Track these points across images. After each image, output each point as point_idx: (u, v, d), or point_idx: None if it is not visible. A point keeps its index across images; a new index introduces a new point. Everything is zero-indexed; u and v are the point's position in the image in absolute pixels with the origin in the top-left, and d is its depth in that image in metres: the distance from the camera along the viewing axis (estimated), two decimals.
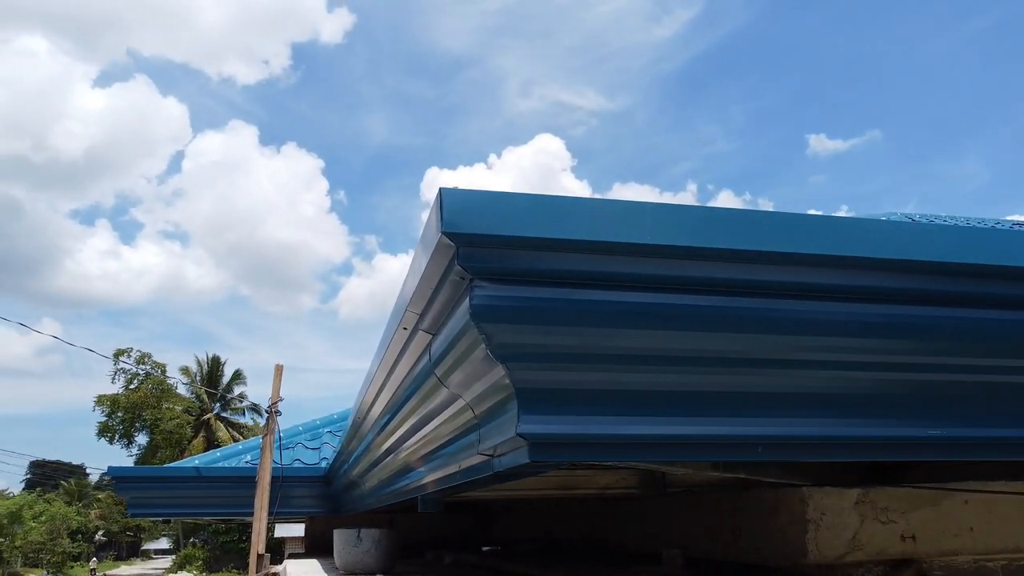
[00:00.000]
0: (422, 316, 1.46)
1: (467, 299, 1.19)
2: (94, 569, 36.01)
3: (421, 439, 2.07)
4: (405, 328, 1.59)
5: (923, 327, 1.54)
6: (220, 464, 6.68)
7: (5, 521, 41.47)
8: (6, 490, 58.82)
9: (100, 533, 60.71)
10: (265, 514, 5.84)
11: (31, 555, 47.42)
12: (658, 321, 1.25)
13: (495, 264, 1.19)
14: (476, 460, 1.58)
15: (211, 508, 6.36)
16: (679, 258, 1.23)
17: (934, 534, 3.12)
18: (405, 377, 1.84)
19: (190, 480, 6.01)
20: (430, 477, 2.23)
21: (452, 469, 1.90)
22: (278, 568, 5.48)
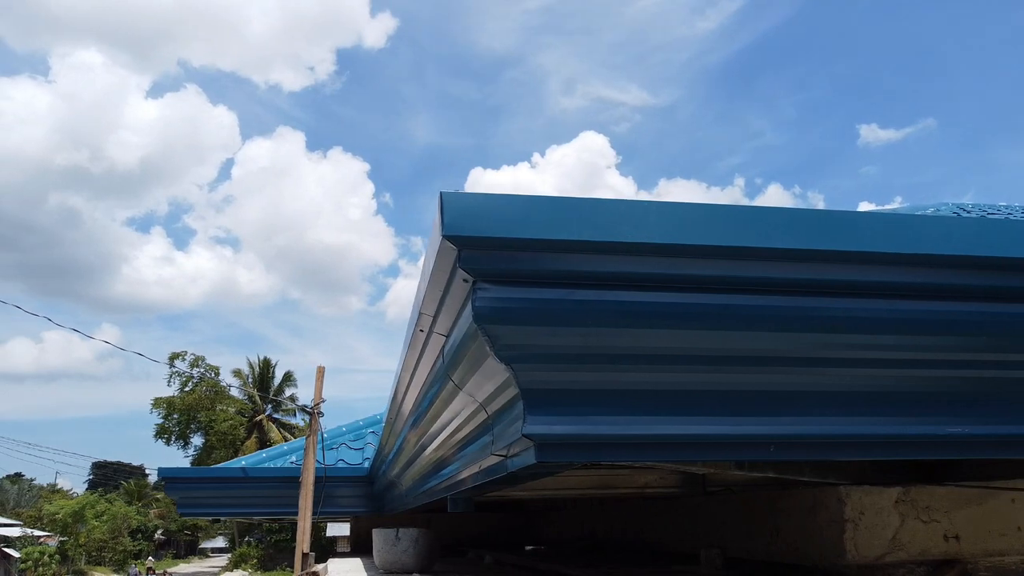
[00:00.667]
0: (435, 319, 1.47)
1: (471, 301, 1.20)
2: (151, 568, 36.90)
3: (444, 439, 2.09)
4: (421, 330, 1.61)
5: (929, 322, 1.50)
6: (266, 464, 6.80)
7: (69, 520, 42.80)
8: (70, 490, 60.76)
9: (159, 532, 62.22)
10: (309, 514, 5.94)
11: (94, 553, 48.83)
12: (662, 320, 1.24)
13: (498, 266, 1.19)
14: (492, 461, 1.58)
15: (257, 508, 6.49)
16: (681, 256, 1.21)
17: (980, 534, 3.03)
18: (426, 378, 1.86)
19: (236, 480, 6.14)
20: (456, 478, 2.25)
21: (474, 469, 1.91)
22: (318, 567, 5.56)
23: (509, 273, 1.20)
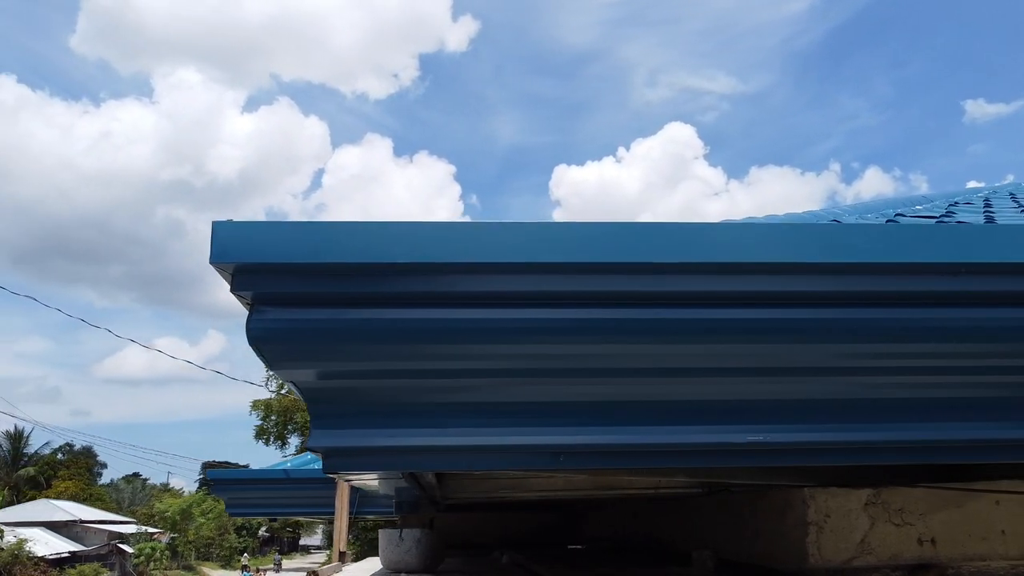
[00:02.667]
0: None
1: (246, 323, 1.28)
2: (246, 565, 38.56)
3: None
4: None
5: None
6: (311, 466, 7.06)
7: (177, 518, 45.20)
8: (181, 489, 64.09)
9: (263, 529, 64.82)
10: (346, 514, 6.15)
11: (202, 549, 51.35)
12: (435, 335, 1.28)
13: (270, 289, 1.26)
14: None
15: (299, 508, 6.75)
16: (442, 273, 1.26)
17: (959, 537, 2.90)
18: None
19: (279, 482, 6.40)
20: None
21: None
22: (324, 568, 5.75)
23: (281, 296, 1.27)
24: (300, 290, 1.27)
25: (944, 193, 6.45)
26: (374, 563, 5.36)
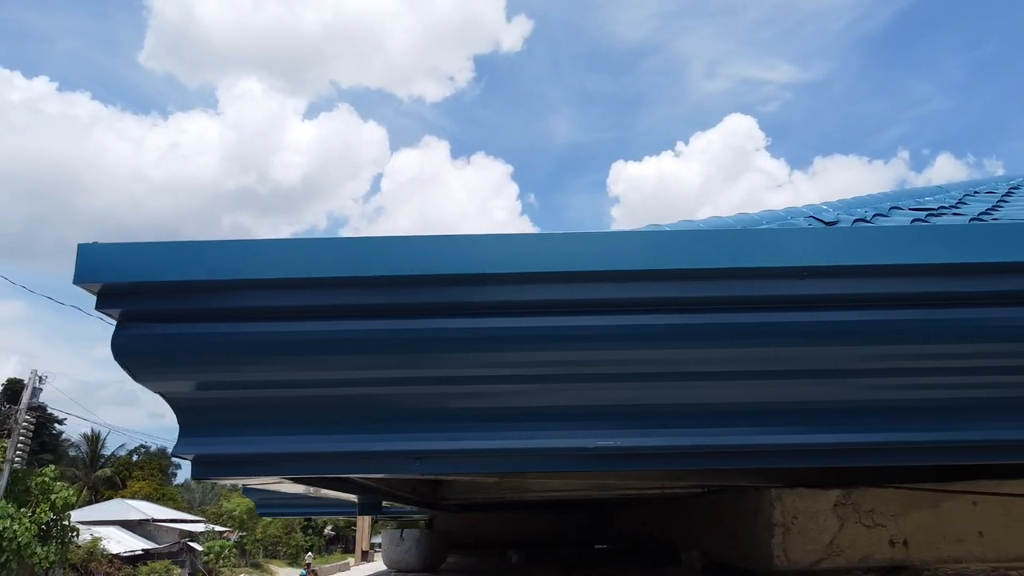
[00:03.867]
0: None
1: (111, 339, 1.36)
2: (309, 563, 39.41)
3: None
4: None
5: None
6: None
7: (244, 517, 46.50)
8: None
9: (329, 528, 66.08)
10: (367, 519, 6.28)
11: (270, 547, 52.70)
12: (285, 347, 1.35)
13: (132, 307, 1.34)
14: None
15: (324, 508, 6.89)
16: (293, 288, 1.31)
17: (933, 539, 2.83)
18: None
19: None
20: None
21: None
22: (320, 567, 5.87)
23: (143, 313, 1.35)
24: (161, 307, 1.34)
25: (977, 181, 6.25)
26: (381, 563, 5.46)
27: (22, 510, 24.12)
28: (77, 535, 27.06)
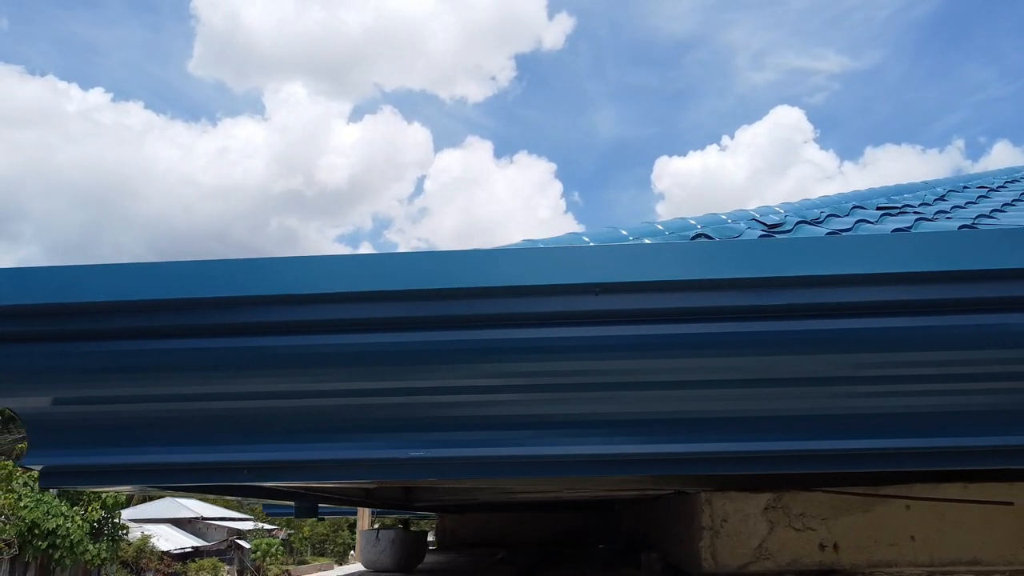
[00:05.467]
0: None
1: None
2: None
3: None
4: None
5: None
6: None
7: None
8: None
9: (377, 525, 66.46)
10: (368, 512, 6.42)
11: (317, 545, 53.57)
12: (118, 366, 1.45)
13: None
14: None
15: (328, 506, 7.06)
16: (138, 312, 1.41)
17: (864, 543, 2.82)
18: None
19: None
20: None
21: None
22: (296, 567, 6.00)
23: (7, 335, 1.47)
24: (26, 329, 1.46)
25: (973, 176, 6.13)
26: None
27: (74, 508, 24.97)
28: (127, 532, 27.91)
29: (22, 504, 23.77)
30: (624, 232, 2.94)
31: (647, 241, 2.91)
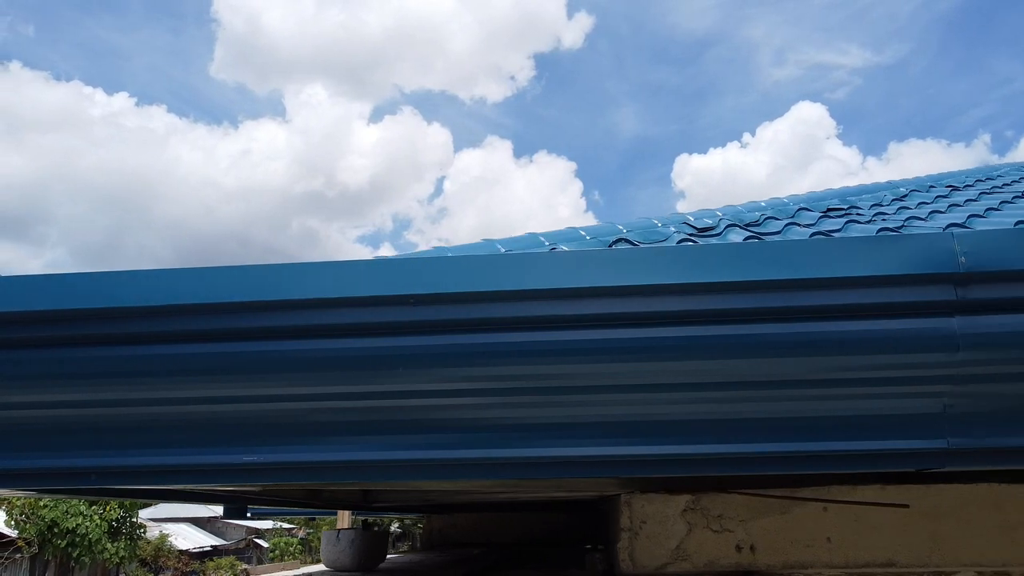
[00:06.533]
0: None
1: None
2: None
3: None
4: None
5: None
6: None
7: None
8: None
9: (396, 525, 67.02)
10: (347, 514, 6.51)
11: None
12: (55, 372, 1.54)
13: None
14: None
15: (313, 509, 7.18)
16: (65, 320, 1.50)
17: (781, 544, 2.85)
18: None
19: None
20: None
21: None
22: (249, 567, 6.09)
23: None
24: None
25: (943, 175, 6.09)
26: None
27: (92, 507, 25.37)
28: (145, 532, 28.30)
29: (42, 503, 24.18)
30: (543, 239, 2.99)
31: (563, 248, 2.96)
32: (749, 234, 3.23)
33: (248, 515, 3.38)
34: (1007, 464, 1.44)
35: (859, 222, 3.36)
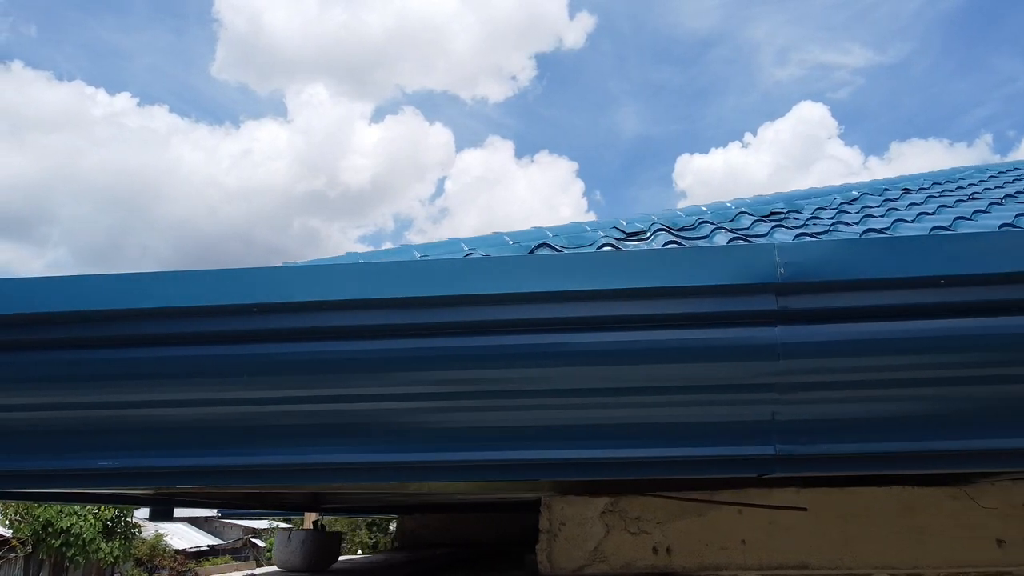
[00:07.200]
0: None
1: None
2: None
3: None
4: None
5: None
6: None
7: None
8: None
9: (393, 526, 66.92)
10: (314, 515, 6.55)
11: None
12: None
13: None
14: None
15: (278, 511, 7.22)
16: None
17: (696, 546, 2.88)
18: None
19: None
20: None
21: None
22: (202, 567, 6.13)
23: None
24: None
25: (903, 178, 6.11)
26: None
27: (86, 507, 25.44)
28: (140, 531, 28.36)
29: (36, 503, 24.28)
30: (464, 246, 3.02)
31: (483, 253, 2.99)
32: (674, 239, 3.26)
33: (215, 517, 3.41)
34: (833, 470, 1.47)
35: (785, 227, 3.39)
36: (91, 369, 1.60)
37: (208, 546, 37.54)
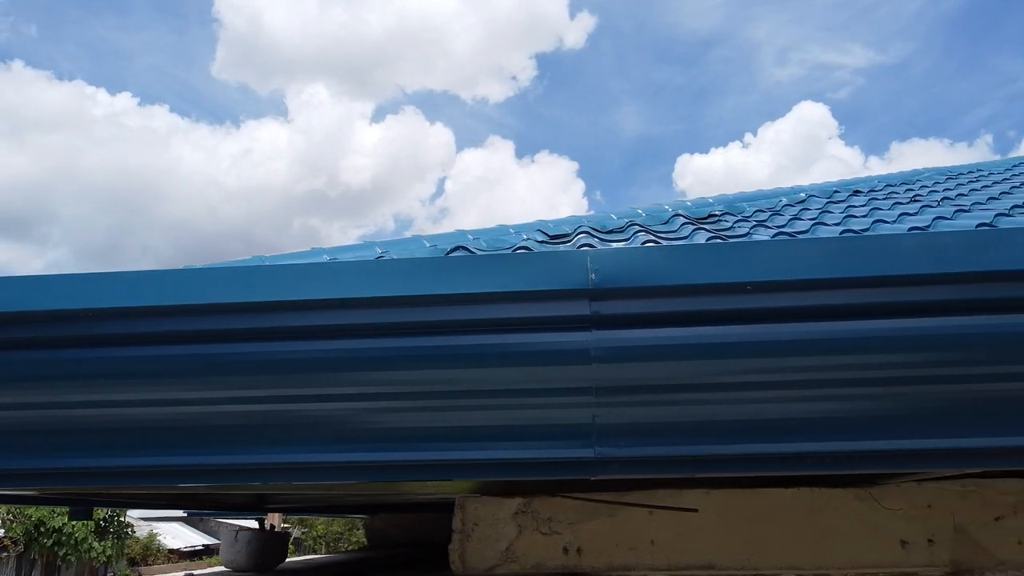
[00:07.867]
0: None
1: None
2: None
3: None
4: None
5: None
6: None
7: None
8: None
9: None
10: (279, 516, 6.57)
11: (332, 544, 54.00)
12: None
13: None
14: None
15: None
16: None
17: (607, 547, 2.91)
18: None
19: None
20: None
21: None
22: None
23: None
24: None
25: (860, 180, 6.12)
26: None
27: None
28: (133, 531, 28.40)
29: None
30: (378, 250, 3.04)
31: (403, 256, 3.01)
32: (601, 241, 3.29)
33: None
34: (651, 472, 1.49)
35: (706, 229, 3.42)
36: (40, 370, 1.61)
37: (203, 545, 37.55)
